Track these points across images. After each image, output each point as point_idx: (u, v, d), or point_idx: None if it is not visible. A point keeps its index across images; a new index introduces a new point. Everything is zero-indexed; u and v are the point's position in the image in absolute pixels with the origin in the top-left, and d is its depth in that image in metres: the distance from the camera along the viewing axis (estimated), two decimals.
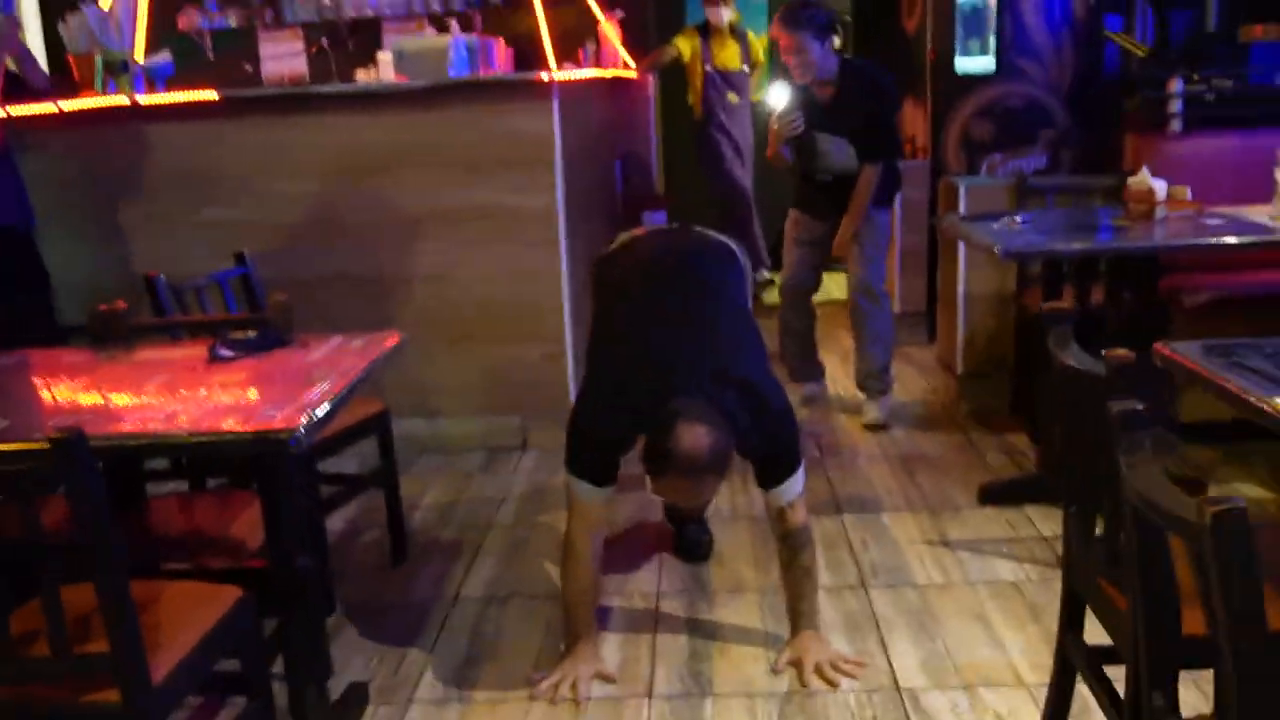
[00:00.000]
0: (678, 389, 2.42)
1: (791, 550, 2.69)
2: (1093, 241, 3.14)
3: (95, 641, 1.78)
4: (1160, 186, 3.35)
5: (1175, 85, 4.44)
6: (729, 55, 6.55)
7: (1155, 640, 1.52)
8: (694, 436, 2.33)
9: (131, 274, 3.98)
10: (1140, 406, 1.42)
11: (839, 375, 5.01)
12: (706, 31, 6.52)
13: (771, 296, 6.54)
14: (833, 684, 2.57)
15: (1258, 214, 3.40)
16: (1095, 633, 2.02)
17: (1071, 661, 2.13)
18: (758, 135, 6.42)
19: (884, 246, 4.36)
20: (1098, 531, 1.88)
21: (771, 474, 2.62)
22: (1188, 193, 3.46)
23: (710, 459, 2.36)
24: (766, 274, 6.74)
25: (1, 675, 1.77)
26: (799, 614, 2.72)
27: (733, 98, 6.55)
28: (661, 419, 2.37)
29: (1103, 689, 1.97)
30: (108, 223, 4.17)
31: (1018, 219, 3.46)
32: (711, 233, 3.01)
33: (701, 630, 2.88)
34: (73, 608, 1.75)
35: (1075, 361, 1.80)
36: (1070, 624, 2.12)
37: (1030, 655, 2.65)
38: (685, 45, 6.56)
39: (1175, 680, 1.53)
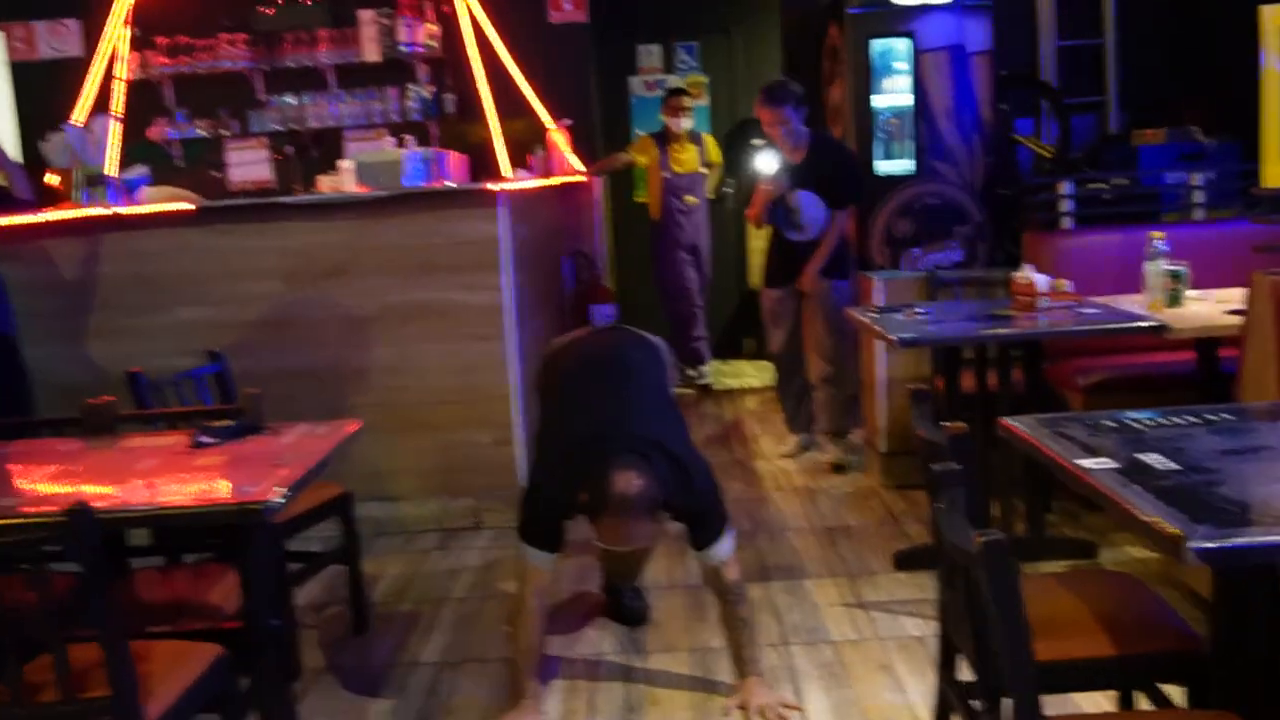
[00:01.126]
0: (612, 450, 2.79)
1: (729, 604, 3.01)
2: (977, 331, 3.54)
3: (95, 689, 2.06)
4: (1042, 280, 3.76)
5: (1065, 186, 4.89)
6: (688, 158, 6.83)
7: (983, 663, 1.85)
8: (626, 479, 2.71)
9: (106, 371, 4.29)
10: (958, 468, 1.77)
11: (770, 452, 5.40)
12: (664, 139, 6.80)
13: (727, 379, 6.98)
14: None
15: (1130, 303, 3.82)
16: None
17: (947, 697, 2.45)
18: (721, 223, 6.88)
19: (843, 316, 4.86)
20: None
21: (702, 536, 2.95)
22: (1068, 285, 3.87)
23: (641, 499, 2.72)
24: (707, 372, 7.05)
25: (14, 718, 2.04)
26: (743, 661, 3.03)
27: (690, 200, 6.83)
28: (598, 472, 2.74)
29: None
30: (84, 324, 4.47)
31: (918, 311, 3.86)
32: (642, 332, 3.41)
33: (636, 684, 3.18)
34: (73, 661, 2.03)
35: (928, 434, 2.15)
36: (945, 664, 2.44)
37: (929, 699, 2.96)
38: (642, 155, 6.86)
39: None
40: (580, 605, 3.73)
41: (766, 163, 5.13)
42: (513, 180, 5.75)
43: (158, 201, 4.58)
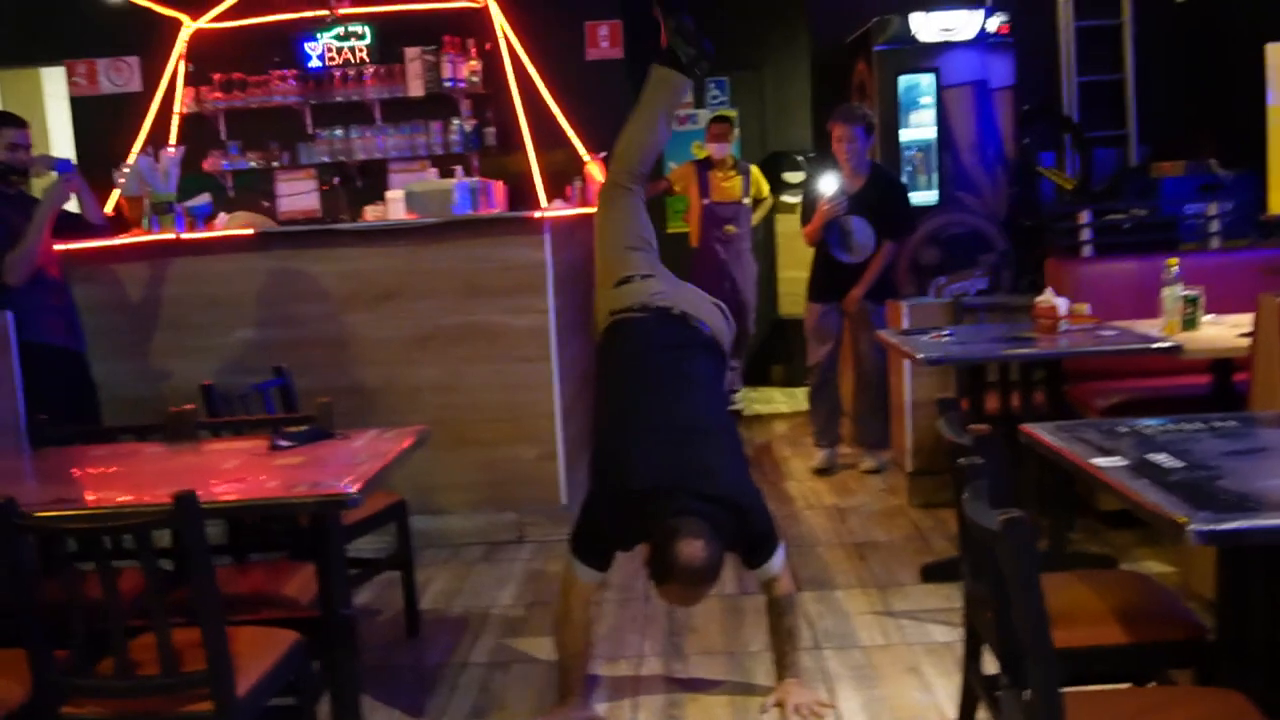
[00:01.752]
0: (677, 509, 2.81)
1: (778, 614, 3.18)
2: (999, 351, 3.72)
3: (192, 666, 2.27)
4: (1062, 304, 3.94)
5: (1085, 216, 5.08)
6: (731, 187, 6.79)
7: (1005, 646, 2.03)
8: (692, 551, 2.74)
9: (169, 386, 4.54)
10: (981, 462, 1.96)
11: (800, 473, 5.60)
12: (706, 166, 6.85)
13: (757, 405, 7.12)
14: (809, 718, 3.06)
15: (1147, 327, 4.00)
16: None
17: (973, 688, 2.62)
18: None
19: (881, 327, 5.21)
20: None
21: (755, 559, 3.09)
22: (1087, 309, 4.05)
23: (706, 571, 2.79)
24: (738, 400, 7.13)
25: (121, 690, 2.25)
26: (784, 665, 3.20)
27: (730, 229, 6.77)
28: (662, 534, 2.78)
29: (997, 710, 2.45)
30: (150, 342, 4.72)
31: (944, 333, 4.05)
32: (700, 320, 3.35)
33: (676, 685, 3.36)
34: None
35: (955, 437, 2.34)
36: (970, 656, 2.61)
37: (955, 698, 3.12)
38: (680, 182, 6.96)
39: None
40: (627, 611, 3.92)
41: (827, 184, 5.45)
42: (554, 209, 5.99)
43: (235, 226, 4.84)
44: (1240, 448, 2.22)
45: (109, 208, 5.44)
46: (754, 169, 7.08)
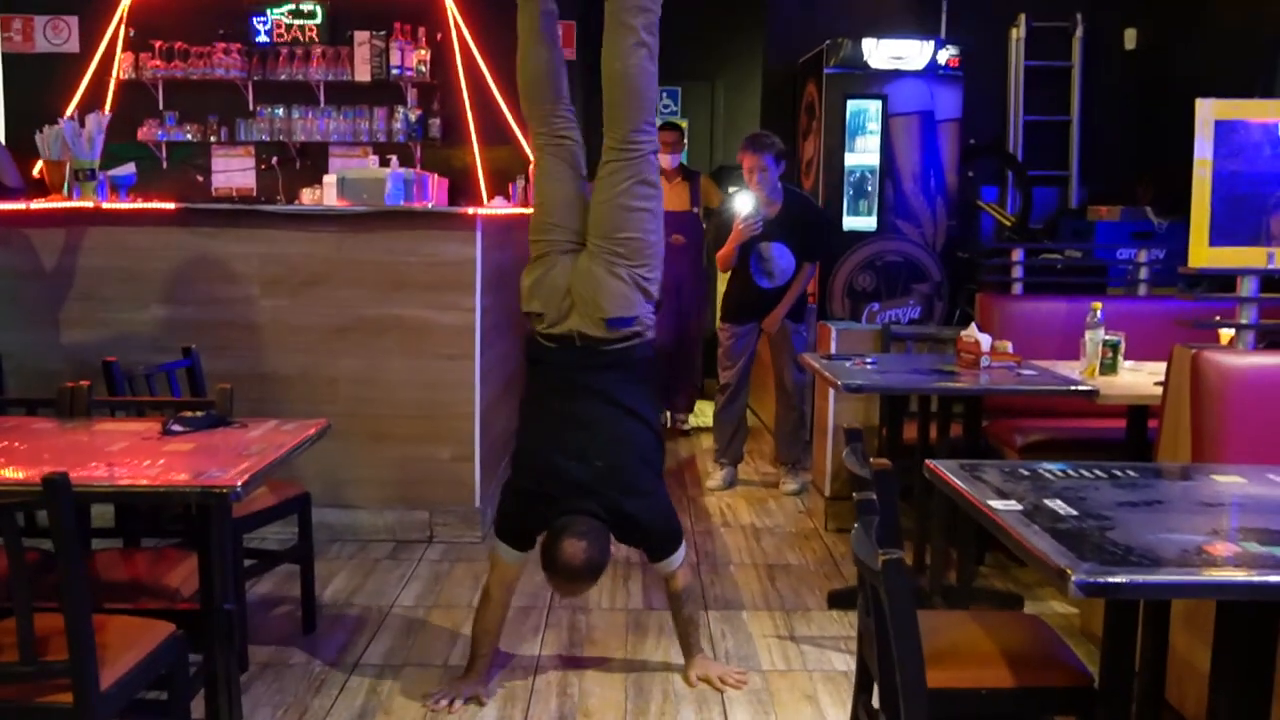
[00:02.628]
0: (569, 509, 3.08)
1: (678, 605, 3.41)
2: (918, 383, 3.72)
3: (54, 654, 2.18)
4: (985, 340, 3.95)
5: (1018, 255, 5.12)
6: (676, 197, 6.55)
7: (886, 684, 2.01)
8: (574, 550, 3.00)
9: (80, 359, 4.40)
10: (873, 497, 1.94)
11: (724, 493, 5.58)
12: None
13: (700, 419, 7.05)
14: (730, 686, 3.35)
15: (1068, 368, 4.02)
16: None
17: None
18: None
19: (801, 350, 5.33)
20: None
21: (654, 556, 3.33)
22: (1009, 347, 4.06)
23: (584, 570, 3.04)
24: (684, 419, 7.04)
25: None
26: (689, 645, 3.45)
27: (677, 238, 6.49)
28: (554, 529, 3.06)
29: None
30: (62, 313, 4.57)
31: (866, 360, 4.04)
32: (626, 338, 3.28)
33: (570, 696, 3.31)
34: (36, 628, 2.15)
35: (856, 469, 2.32)
36: (860, 688, 2.59)
37: None
38: None
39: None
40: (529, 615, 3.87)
41: (743, 203, 5.38)
42: (491, 206, 5.92)
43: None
44: (1136, 499, 2.21)
45: (34, 171, 5.29)
46: (705, 178, 7.01)
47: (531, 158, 6.60)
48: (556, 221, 3.29)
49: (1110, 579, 1.72)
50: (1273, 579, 1.78)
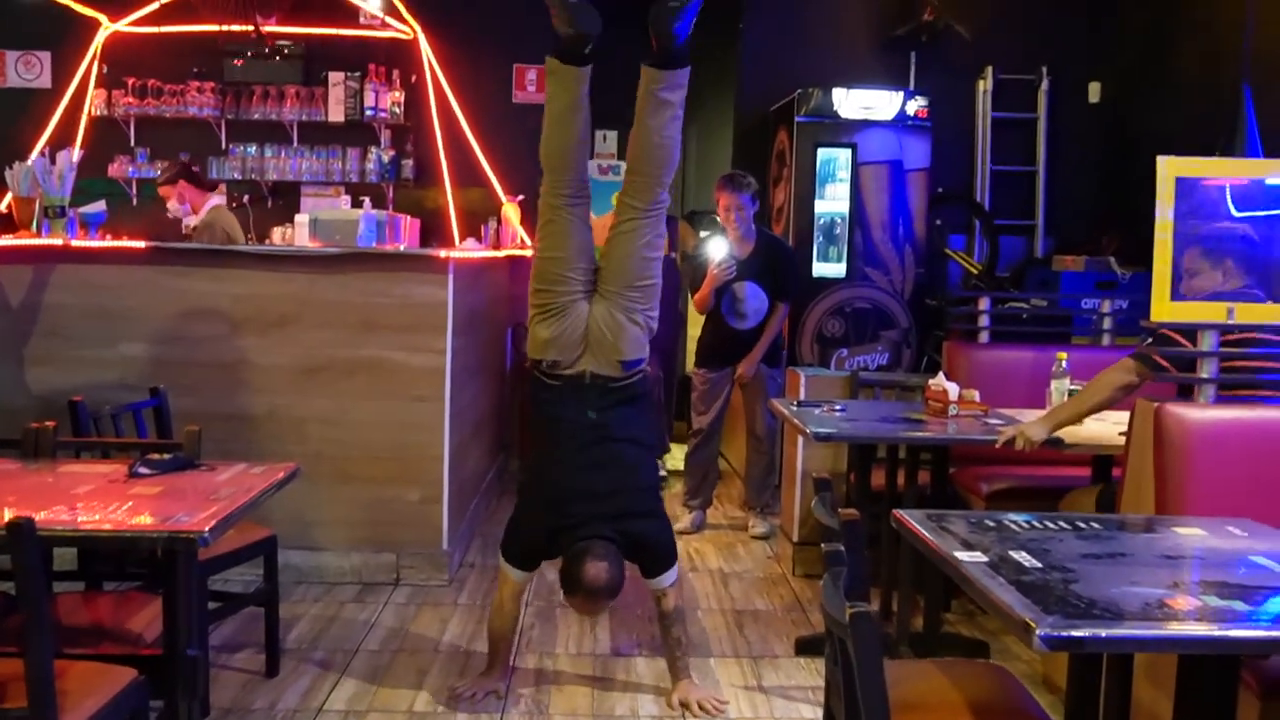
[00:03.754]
0: (587, 535, 3.31)
1: (667, 625, 3.60)
2: (887, 431, 3.75)
3: (12, 701, 2.15)
4: (953, 389, 4.00)
5: (984, 303, 5.18)
6: None
7: None
8: (597, 571, 3.25)
9: (47, 398, 4.36)
10: (841, 549, 1.95)
11: (693, 537, 5.57)
12: None
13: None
14: (711, 712, 3.49)
15: (1034, 417, 4.06)
16: None
17: None
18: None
19: (774, 395, 5.34)
20: None
21: (649, 570, 3.51)
22: (976, 395, 4.11)
23: (607, 589, 3.28)
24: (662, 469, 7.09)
25: None
26: (676, 669, 3.61)
27: None
28: (574, 552, 3.29)
29: None
30: (29, 350, 4.53)
31: (836, 407, 4.07)
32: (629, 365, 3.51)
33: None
34: None
35: (824, 519, 2.34)
36: None
37: None
38: (599, 231, 6.96)
39: None
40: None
41: (717, 248, 5.43)
42: (463, 248, 5.94)
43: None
44: (1099, 551, 2.24)
45: (2, 207, 5.26)
46: (681, 223, 7.06)
47: (512, 219, 6.65)
48: (572, 274, 3.52)
49: (1073, 633, 1.75)
50: (1231, 634, 1.81)
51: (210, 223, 5.69)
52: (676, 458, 7.34)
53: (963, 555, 2.12)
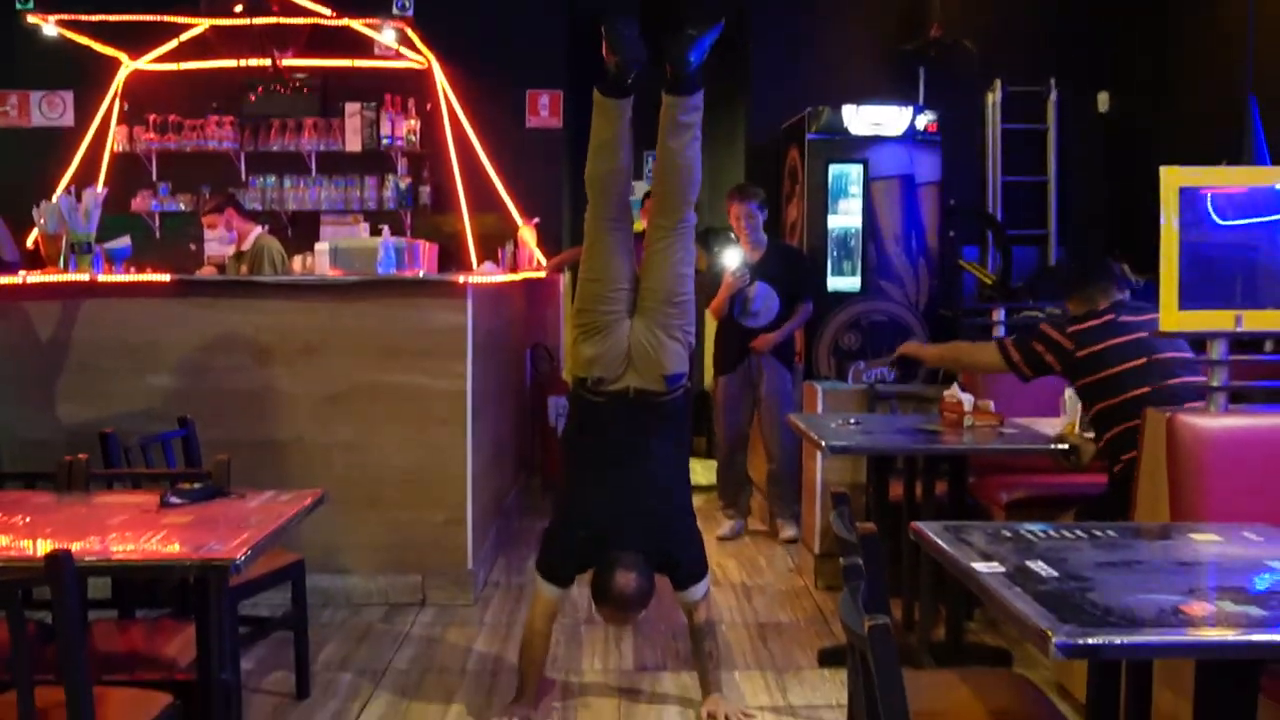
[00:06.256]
0: (618, 545, 3.39)
1: (698, 639, 3.63)
2: (903, 443, 3.79)
3: None
4: (968, 400, 4.03)
5: (999, 313, 5.21)
6: None
7: None
8: (626, 582, 3.33)
9: (76, 431, 4.44)
10: (859, 562, 1.99)
11: (714, 551, 5.60)
12: (639, 239, 6.97)
13: None
14: None
15: (1049, 426, 4.10)
16: None
17: None
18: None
19: (790, 407, 5.59)
20: None
21: (680, 582, 3.58)
22: (991, 406, 4.14)
23: (636, 600, 3.37)
24: None
25: None
26: (706, 683, 3.65)
27: None
28: (605, 564, 3.37)
29: None
30: (59, 385, 4.61)
31: (851, 420, 4.11)
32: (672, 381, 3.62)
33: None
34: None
35: (843, 533, 2.38)
36: None
37: None
38: None
39: None
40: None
41: (731, 258, 5.72)
42: (481, 272, 6.02)
43: None
44: (1115, 559, 2.27)
45: (29, 244, 5.37)
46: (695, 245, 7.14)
47: (528, 242, 6.74)
48: (615, 294, 3.60)
49: (1089, 640, 1.78)
50: (1246, 638, 1.84)
51: (261, 248, 6.02)
52: (695, 471, 7.41)
53: (980, 566, 2.16)
